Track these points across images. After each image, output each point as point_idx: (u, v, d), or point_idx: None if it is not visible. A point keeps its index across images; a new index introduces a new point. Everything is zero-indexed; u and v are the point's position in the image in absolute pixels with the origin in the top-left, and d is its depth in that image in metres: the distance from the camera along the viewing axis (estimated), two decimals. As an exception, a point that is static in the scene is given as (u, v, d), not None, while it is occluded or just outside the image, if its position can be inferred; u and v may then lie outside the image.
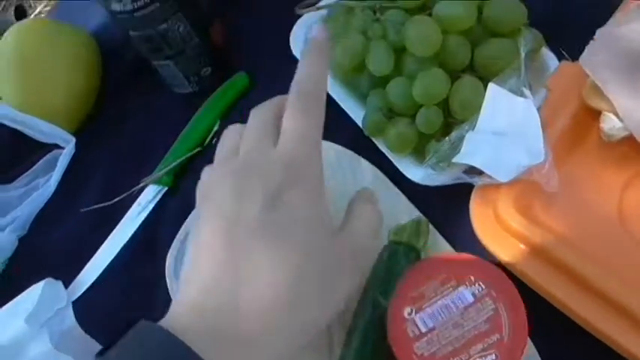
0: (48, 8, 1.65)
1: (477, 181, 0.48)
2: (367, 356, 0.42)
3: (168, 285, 0.55)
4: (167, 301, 0.49)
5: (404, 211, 0.51)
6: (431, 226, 0.50)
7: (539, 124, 0.47)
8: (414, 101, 0.50)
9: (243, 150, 0.38)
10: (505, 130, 0.48)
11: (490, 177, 0.48)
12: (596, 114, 0.47)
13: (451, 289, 0.37)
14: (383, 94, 0.52)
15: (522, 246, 0.46)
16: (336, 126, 0.55)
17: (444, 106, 0.51)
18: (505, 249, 0.46)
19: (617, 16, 0.50)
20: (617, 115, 0.44)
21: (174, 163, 0.63)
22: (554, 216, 0.47)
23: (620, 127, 0.44)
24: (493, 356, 0.35)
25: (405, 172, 0.52)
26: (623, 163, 0.47)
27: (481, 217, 0.47)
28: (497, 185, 0.47)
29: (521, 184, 0.47)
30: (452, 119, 0.51)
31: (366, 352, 0.41)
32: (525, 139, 0.47)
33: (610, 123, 0.45)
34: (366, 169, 0.54)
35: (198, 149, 0.64)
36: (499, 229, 0.47)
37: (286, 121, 0.37)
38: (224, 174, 0.37)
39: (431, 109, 0.50)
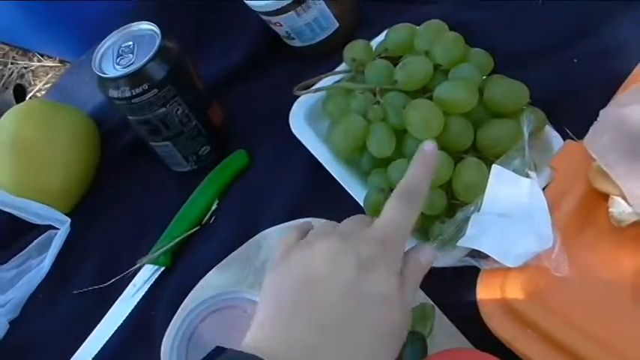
0: (48, 85, 1.67)
1: (482, 264, 0.47)
2: None
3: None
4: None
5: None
6: (437, 310, 0.49)
7: (547, 206, 0.46)
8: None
9: (340, 227, 0.43)
10: (511, 212, 0.47)
11: (496, 261, 0.46)
12: (604, 195, 0.46)
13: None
14: (384, 174, 0.52)
15: (531, 332, 0.44)
16: (338, 204, 0.54)
17: (448, 187, 0.50)
18: (514, 335, 0.44)
19: (619, 96, 0.49)
20: (625, 199, 0.43)
21: (171, 243, 0.61)
22: (565, 301, 0.45)
23: (631, 212, 0.43)
24: None
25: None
26: (635, 247, 0.46)
27: (488, 302, 0.46)
28: (505, 269, 0.46)
29: (529, 269, 0.46)
30: (455, 201, 0.50)
31: None
32: (533, 223, 0.46)
33: (619, 207, 0.44)
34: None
35: (196, 228, 0.63)
36: (506, 313, 0.45)
37: (386, 210, 0.41)
38: (318, 239, 0.41)
39: (435, 191, 0.49)
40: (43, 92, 1.48)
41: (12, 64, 1.79)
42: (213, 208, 0.64)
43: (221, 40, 0.74)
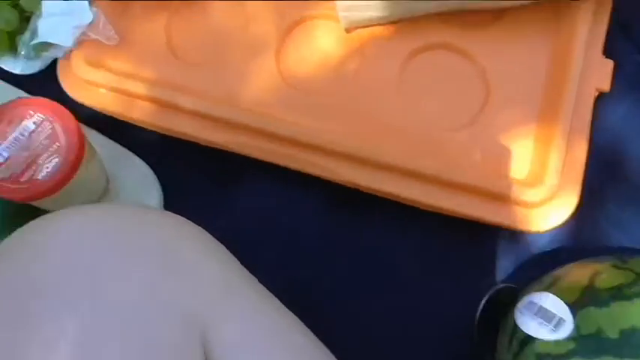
0: None
1: (58, 54, 0.59)
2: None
3: None
4: None
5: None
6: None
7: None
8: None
9: None
10: (65, 9, 0.59)
11: (67, 49, 0.58)
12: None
13: (16, 124, 0.48)
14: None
15: (103, 91, 0.58)
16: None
17: (16, 4, 0.60)
18: (91, 98, 0.58)
19: None
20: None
21: None
22: (122, 61, 0.59)
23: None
24: (57, 159, 0.47)
25: (7, 68, 0.61)
26: (162, 3, 0.60)
27: (67, 79, 0.58)
28: (72, 52, 0.58)
29: (89, 45, 0.58)
30: (27, 13, 0.61)
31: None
32: (77, 9, 0.58)
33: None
34: None
35: None
36: (83, 84, 0.58)
37: None
38: None
39: (4, 9, 0.60)
40: None
41: None
42: None
43: None
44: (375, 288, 0.58)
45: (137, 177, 0.59)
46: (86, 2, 0.58)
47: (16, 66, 0.62)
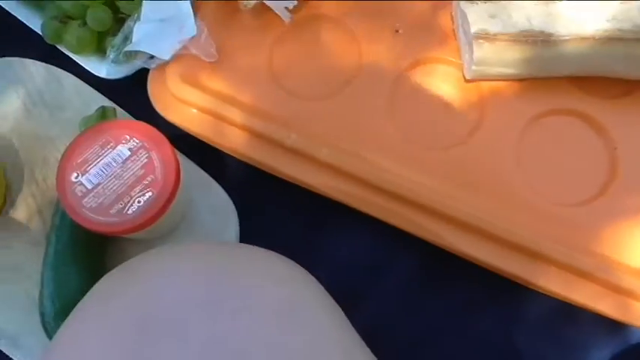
0: None
1: (150, 64, 0.55)
2: (69, 238, 0.48)
3: None
4: None
5: (97, 105, 0.56)
6: (124, 112, 0.56)
7: (189, 4, 0.54)
8: (83, 4, 0.55)
9: None
10: (165, 16, 0.54)
11: (160, 59, 0.54)
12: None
13: (110, 149, 0.44)
14: (56, 2, 0.56)
15: (194, 111, 0.54)
16: (27, 40, 0.58)
17: (112, 4, 0.56)
18: (181, 116, 0.53)
19: None
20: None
21: None
22: (219, 81, 0.55)
23: (251, -6, 0.53)
24: (150, 193, 0.43)
25: (92, 71, 0.57)
26: (268, 27, 0.56)
27: (158, 94, 0.54)
28: (166, 65, 0.54)
29: (185, 60, 0.54)
30: (121, 15, 0.57)
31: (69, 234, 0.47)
32: (179, 19, 0.53)
33: (246, -7, 0.53)
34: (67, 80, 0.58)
35: None
36: (173, 101, 0.54)
37: None
38: None
39: (98, 8, 0.55)
40: None
41: None
42: None
43: None
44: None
45: (215, 205, 0.54)
46: (191, 13, 0.53)
47: (102, 69, 0.57)
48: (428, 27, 0.54)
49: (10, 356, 0.49)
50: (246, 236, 0.54)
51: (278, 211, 0.55)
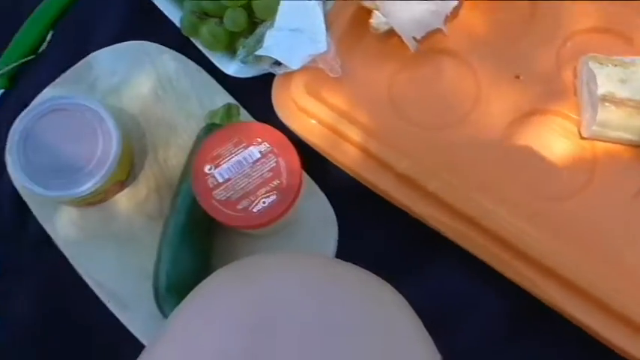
0: None
1: (277, 71, 0.58)
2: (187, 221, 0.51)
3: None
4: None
5: (221, 100, 0.59)
6: (244, 110, 0.59)
7: (323, 20, 0.56)
8: (222, 4, 0.58)
9: None
10: (297, 26, 0.57)
11: (287, 67, 0.57)
12: (370, 11, 0.57)
13: (243, 148, 0.46)
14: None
15: (313, 121, 0.56)
16: (163, 28, 0.62)
17: (248, 7, 0.59)
18: (300, 124, 0.56)
19: None
20: (381, 12, 0.54)
21: (7, 68, 0.66)
22: (339, 97, 0.57)
23: (384, 21, 0.55)
24: (274, 196, 0.45)
25: (220, 67, 0.60)
26: (393, 53, 0.58)
27: (281, 100, 0.57)
28: (292, 73, 0.57)
29: (309, 71, 0.56)
30: (256, 19, 0.59)
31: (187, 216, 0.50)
32: (311, 33, 0.56)
33: (377, 19, 0.55)
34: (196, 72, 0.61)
35: (32, 57, 0.68)
36: (295, 109, 0.56)
37: None
38: None
39: (236, 10, 0.58)
40: None
41: None
42: (48, 39, 0.69)
43: None
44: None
45: (318, 214, 0.56)
46: (324, 29, 0.56)
47: (230, 67, 0.60)
48: (549, 78, 0.56)
49: (117, 317, 0.53)
50: (342, 251, 0.56)
51: (375, 232, 0.57)
